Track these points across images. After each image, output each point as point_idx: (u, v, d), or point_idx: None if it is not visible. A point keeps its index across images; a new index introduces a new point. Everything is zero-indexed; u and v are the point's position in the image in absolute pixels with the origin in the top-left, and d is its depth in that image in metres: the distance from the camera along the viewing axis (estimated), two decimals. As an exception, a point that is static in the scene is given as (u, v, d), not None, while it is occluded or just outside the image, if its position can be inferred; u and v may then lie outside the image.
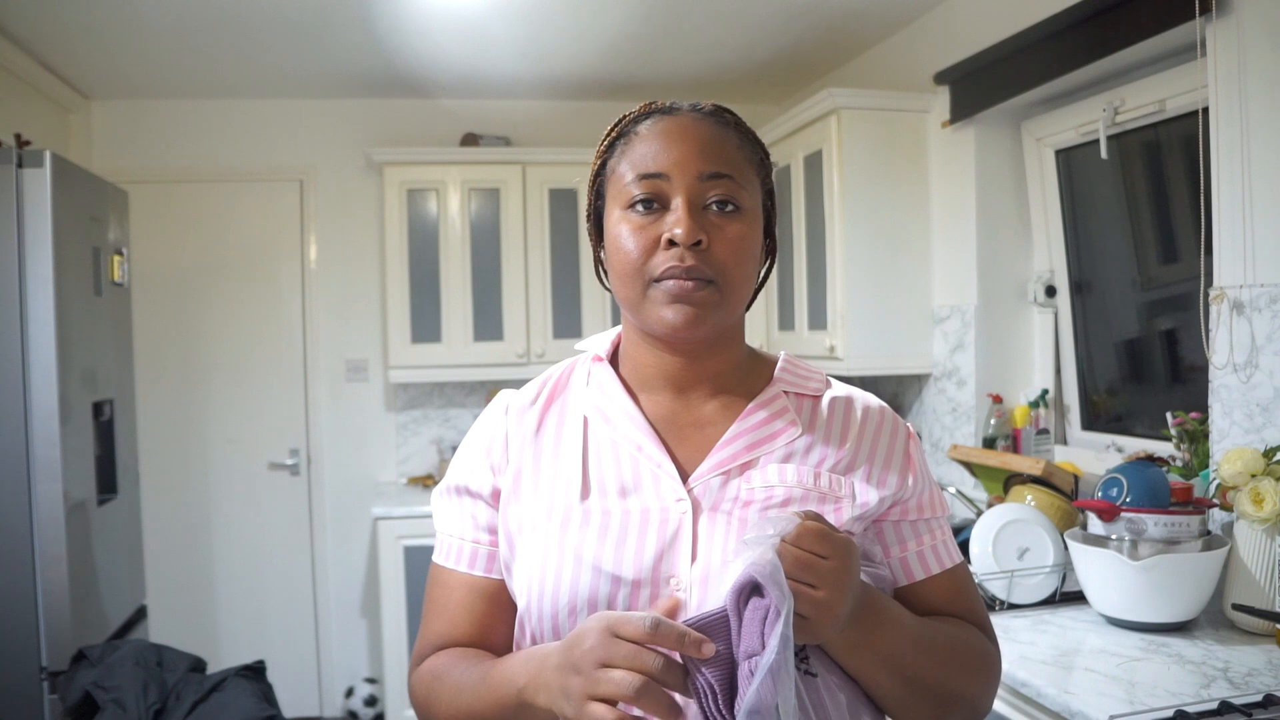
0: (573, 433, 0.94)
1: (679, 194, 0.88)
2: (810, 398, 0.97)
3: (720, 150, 0.90)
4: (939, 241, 2.95)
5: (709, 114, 0.92)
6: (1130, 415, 2.61)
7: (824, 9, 2.95)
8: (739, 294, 0.90)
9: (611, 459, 0.92)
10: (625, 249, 0.89)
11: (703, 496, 0.89)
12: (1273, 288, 1.81)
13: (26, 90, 3.23)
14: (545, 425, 0.96)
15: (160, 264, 3.76)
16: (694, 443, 0.93)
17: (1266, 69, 1.80)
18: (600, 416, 0.94)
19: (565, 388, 0.99)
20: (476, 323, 3.68)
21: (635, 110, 0.95)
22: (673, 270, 0.87)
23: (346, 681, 3.89)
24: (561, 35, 3.15)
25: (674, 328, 0.88)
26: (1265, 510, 1.68)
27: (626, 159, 0.91)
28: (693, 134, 0.90)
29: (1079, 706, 1.43)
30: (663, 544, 0.86)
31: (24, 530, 2.35)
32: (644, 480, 0.90)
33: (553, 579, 0.87)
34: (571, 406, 0.97)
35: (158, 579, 3.46)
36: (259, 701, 2.19)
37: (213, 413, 3.86)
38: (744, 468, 0.90)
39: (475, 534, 0.96)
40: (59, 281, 2.39)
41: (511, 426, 0.96)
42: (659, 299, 0.88)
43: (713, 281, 0.87)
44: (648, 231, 0.88)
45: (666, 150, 0.89)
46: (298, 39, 3.11)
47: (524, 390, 1.00)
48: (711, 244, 0.87)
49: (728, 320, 0.91)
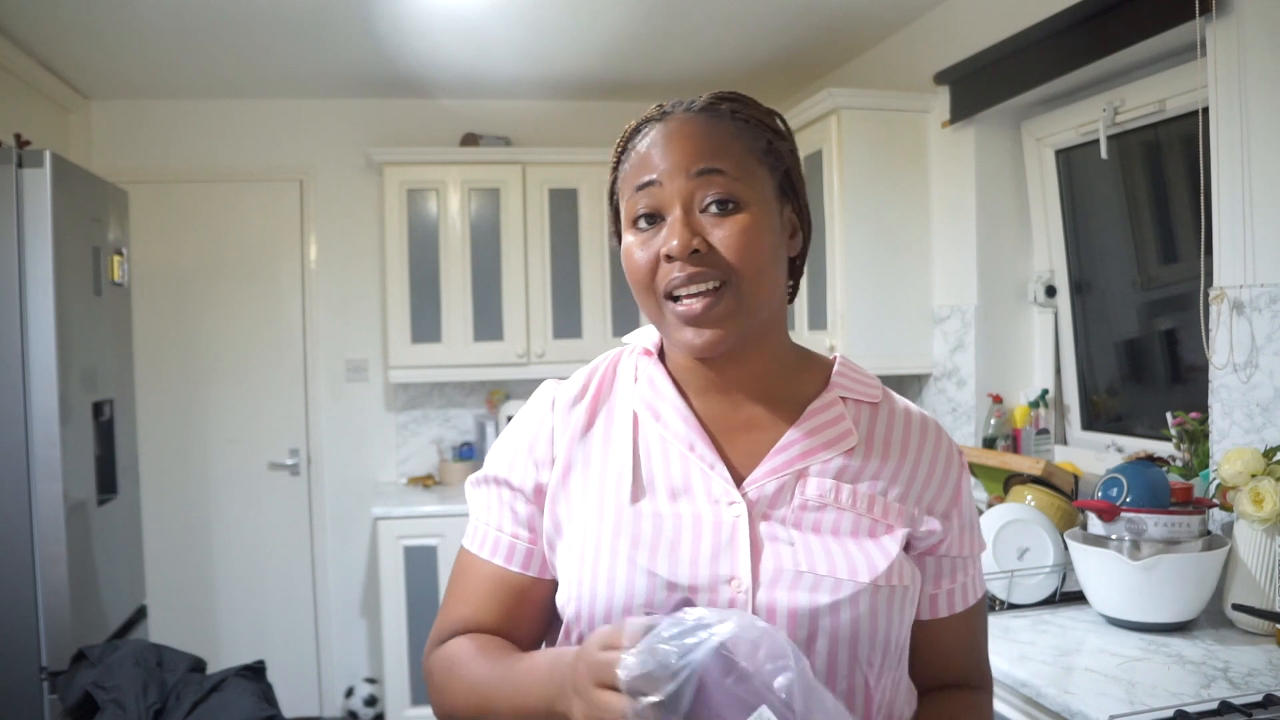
0: (623, 430, 0.92)
1: (674, 200, 0.85)
2: (868, 404, 0.94)
3: (711, 145, 0.86)
4: (939, 241, 2.95)
5: (700, 110, 0.89)
6: (1130, 415, 2.61)
7: (824, 9, 2.95)
8: (758, 289, 0.86)
9: (661, 458, 0.90)
10: (633, 267, 0.88)
11: (756, 501, 0.87)
12: (1273, 288, 1.81)
13: (26, 90, 3.23)
14: (595, 424, 0.93)
15: (160, 264, 3.76)
16: (744, 446, 0.90)
17: (1266, 69, 1.80)
18: (650, 413, 0.92)
19: (613, 382, 0.96)
20: (476, 323, 3.68)
21: (633, 122, 0.93)
22: (675, 282, 0.84)
23: (346, 681, 3.89)
24: (561, 35, 3.15)
25: (697, 350, 0.86)
26: (1265, 510, 1.68)
27: (627, 173, 0.90)
28: (680, 135, 0.87)
29: (1079, 706, 1.43)
30: (718, 548, 0.84)
31: (24, 530, 2.35)
32: (694, 481, 0.88)
33: (605, 584, 0.85)
34: (620, 402, 0.94)
35: (158, 579, 3.46)
36: (259, 701, 2.19)
37: (213, 413, 3.86)
38: (799, 475, 0.88)
39: (514, 528, 0.93)
40: (59, 281, 2.39)
41: (558, 423, 0.94)
42: (675, 321, 0.86)
43: (724, 284, 0.84)
44: (650, 246, 0.86)
45: (657, 157, 0.87)
46: (298, 39, 3.11)
47: (570, 383, 0.97)
48: (713, 246, 0.84)
49: (753, 320, 0.87)
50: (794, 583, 0.83)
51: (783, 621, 0.82)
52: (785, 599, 0.83)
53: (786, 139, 0.93)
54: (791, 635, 0.81)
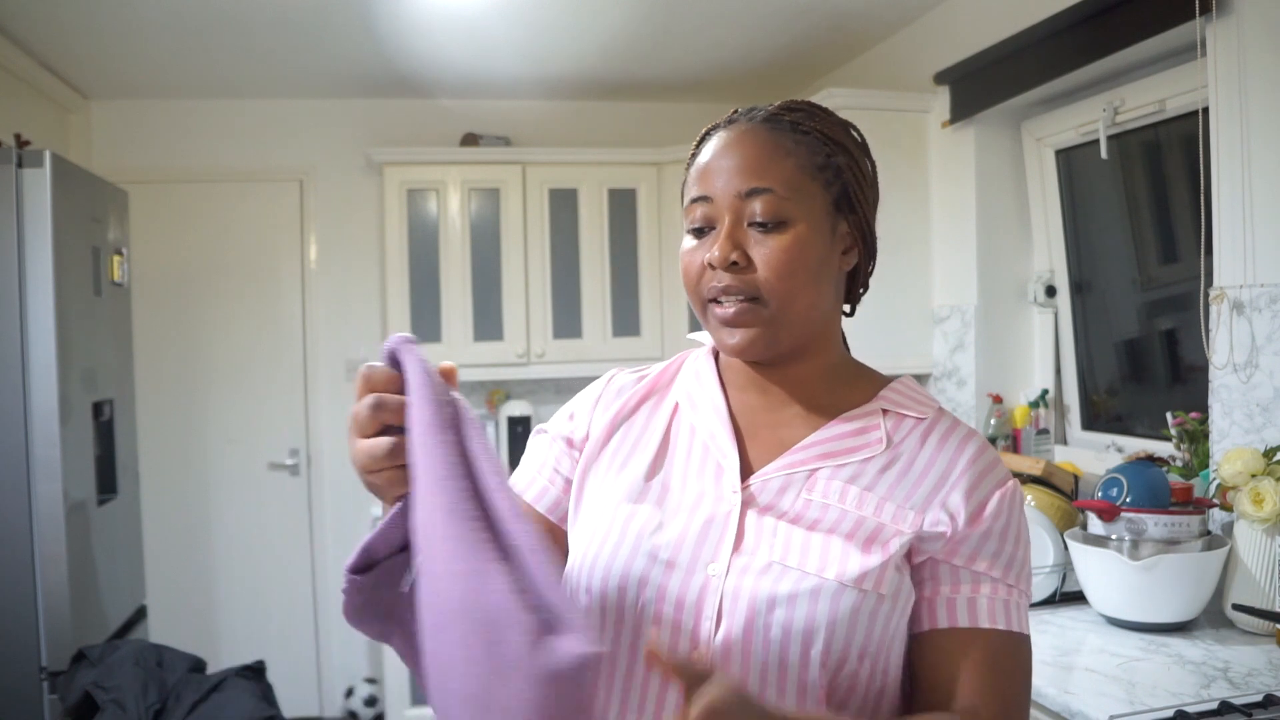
0: (662, 417, 0.98)
1: (724, 214, 0.89)
2: (914, 419, 0.92)
3: (763, 163, 0.88)
4: (939, 241, 2.95)
5: (762, 121, 0.92)
6: (1130, 415, 2.61)
7: (824, 9, 2.95)
8: (791, 306, 0.88)
9: (685, 445, 0.95)
10: (684, 271, 0.93)
11: (759, 494, 0.89)
12: (1273, 288, 1.81)
13: (26, 90, 3.23)
14: (642, 408, 1.00)
15: (160, 264, 3.76)
16: (767, 443, 0.93)
17: (1266, 69, 1.80)
18: (689, 403, 0.98)
19: (675, 375, 1.02)
20: (476, 323, 3.68)
21: (707, 127, 0.96)
22: (713, 291, 0.89)
23: (346, 681, 3.89)
24: (561, 35, 3.15)
25: (732, 351, 0.91)
26: (1265, 510, 1.68)
27: (690, 180, 0.94)
28: (736, 150, 0.90)
29: (1079, 706, 1.43)
30: (707, 532, 0.87)
31: (24, 530, 2.35)
32: (708, 470, 0.92)
33: (605, 551, 0.89)
34: (670, 394, 1.00)
35: (158, 579, 3.46)
36: (259, 701, 2.20)
37: (213, 413, 3.86)
38: (810, 475, 0.89)
39: (551, 474, 1.00)
40: (59, 281, 2.39)
41: (608, 394, 1.02)
42: (714, 323, 0.91)
43: (758, 299, 0.88)
44: (698, 253, 0.91)
45: (712, 171, 0.91)
46: (298, 39, 3.11)
47: (634, 370, 1.05)
48: (752, 260, 0.87)
49: (791, 335, 0.90)
50: (762, 571, 0.85)
51: (742, 608, 0.83)
52: (749, 586, 0.84)
53: (850, 153, 0.93)
54: (749, 623, 0.83)
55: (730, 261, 0.87)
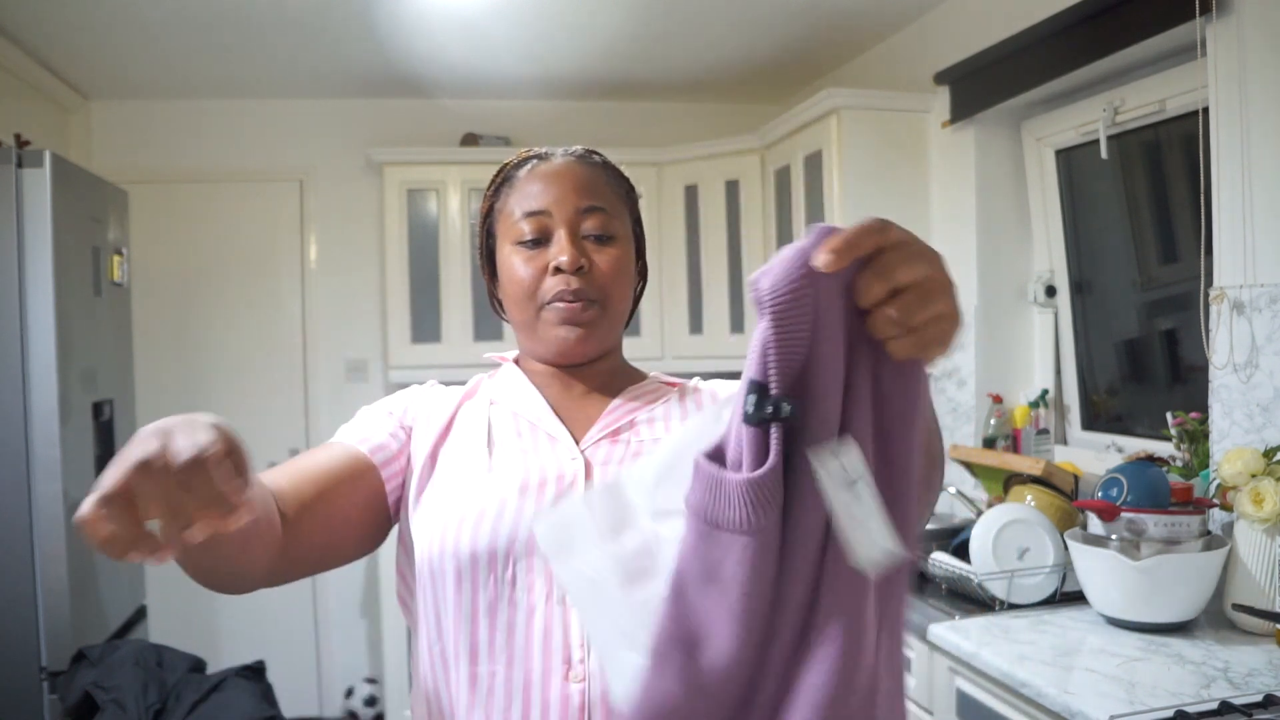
0: (483, 411, 1.04)
1: (560, 227, 1.00)
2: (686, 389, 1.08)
3: (593, 187, 1.03)
4: (939, 241, 2.94)
5: (580, 156, 1.06)
6: (1130, 415, 2.61)
7: (824, 9, 2.95)
8: (618, 313, 1.04)
9: (513, 430, 1.01)
10: (518, 277, 1.01)
11: (593, 457, 0.98)
12: (1273, 288, 1.81)
13: (26, 90, 3.23)
14: (464, 406, 1.06)
15: (160, 264, 3.76)
16: (580, 419, 1.03)
17: (1266, 69, 1.80)
18: (504, 397, 1.06)
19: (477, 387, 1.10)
20: (476, 323, 3.68)
21: (514, 158, 1.08)
22: (561, 294, 0.99)
23: (346, 681, 3.89)
24: (561, 35, 3.15)
25: (566, 344, 1.01)
26: (1265, 510, 1.68)
27: (512, 200, 1.04)
28: (568, 174, 1.03)
29: (1079, 706, 1.43)
30: (561, 493, 0.93)
31: (24, 530, 2.35)
32: (542, 447, 0.99)
33: (454, 531, 0.91)
34: (480, 396, 1.08)
35: (158, 579, 3.45)
36: (259, 701, 2.19)
37: (212, 412, 3.84)
38: (631, 424, 1.01)
39: (387, 439, 1.01)
40: (59, 281, 2.39)
41: (431, 392, 1.09)
42: (551, 320, 1.01)
43: (596, 302, 1.00)
44: (536, 261, 1.01)
45: (547, 190, 1.02)
46: (298, 39, 3.11)
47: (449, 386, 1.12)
48: (592, 269, 1.00)
49: (610, 337, 1.05)
50: None
51: None
52: None
53: (635, 195, 1.12)
54: None
55: (578, 265, 0.99)
